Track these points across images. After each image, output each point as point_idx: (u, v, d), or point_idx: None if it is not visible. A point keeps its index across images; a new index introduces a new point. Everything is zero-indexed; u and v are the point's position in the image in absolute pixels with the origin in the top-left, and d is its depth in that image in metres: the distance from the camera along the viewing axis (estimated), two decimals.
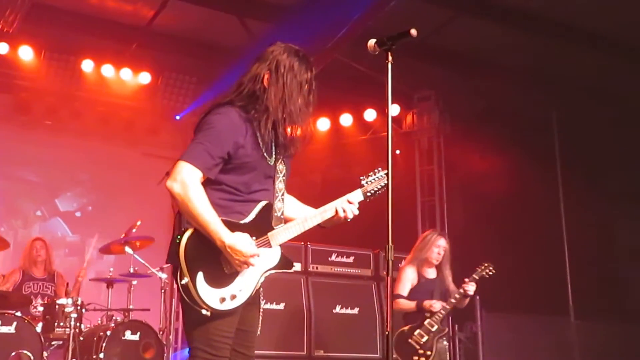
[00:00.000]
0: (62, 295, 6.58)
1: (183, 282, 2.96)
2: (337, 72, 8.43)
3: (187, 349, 3.16)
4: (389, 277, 2.87)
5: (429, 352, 5.76)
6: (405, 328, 5.90)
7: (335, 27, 7.52)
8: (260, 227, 3.16)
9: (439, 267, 6.16)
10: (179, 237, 3.03)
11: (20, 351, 5.70)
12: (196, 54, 8.87)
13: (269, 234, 3.18)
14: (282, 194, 3.31)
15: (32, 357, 5.71)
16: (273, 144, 3.25)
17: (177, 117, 9.32)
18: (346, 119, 9.35)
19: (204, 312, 2.98)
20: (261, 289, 3.27)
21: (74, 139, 8.99)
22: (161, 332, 6.65)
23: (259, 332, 3.28)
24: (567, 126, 8.99)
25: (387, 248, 2.90)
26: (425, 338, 5.80)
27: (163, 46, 8.66)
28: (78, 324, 6.11)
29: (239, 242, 2.99)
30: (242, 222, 3.11)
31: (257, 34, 8.13)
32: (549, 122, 9.19)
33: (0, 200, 8.74)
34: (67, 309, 6.08)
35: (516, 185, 8.52)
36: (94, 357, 6.07)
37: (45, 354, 5.83)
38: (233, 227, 3.05)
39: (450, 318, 8.17)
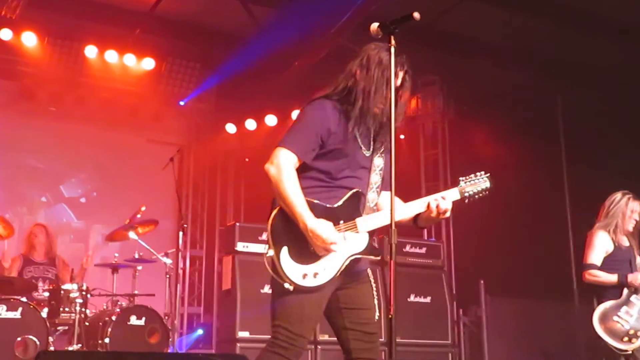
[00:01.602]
0: (66, 281, 6.61)
1: (268, 254, 3.14)
2: (341, 58, 8.33)
3: (193, 334, 3.25)
4: (392, 261, 2.89)
5: (638, 333, 5.04)
6: (608, 304, 5.17)
7: (338, 12, 7.48)
8: (349, 213, 3.27)
9: (631, 235, 5.43)
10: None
11: (26, 336, 5.73)
12: (200, 39, 8.84)
13: (357, 219, 3.28)
14: (377, 187, 3.40)
15: (37, 343, 5.74)
16: (371, 137, 3.37)
17: (181, 103, 9.31)
18: None
19: (286, 285, 3.10)
20: (369, 270, 3.43)
21: (78, 125, 8.99)
22: (166, 317, 6.69)
23: (377, 313, 3.39)
24: (572, 109, 8.96)
25: (390, 232, 2.91)
26: (635, 317, 5.08)
27: (166, 32, 8.64)
28: (83, 309, 6.15)
29: (320, 227, 3.11)
30: (330, 205, 3.24)
31: (260, 19, 8.10)
32: (553, 106, 9.16)
33: (5, 187, 8.77)
34: (73, 295, 6.13)
35: (521, 169, 8.50)
36: (100, 342, 6.12)
37: (50, 339, 5.86)
38: (321, 209, 3.20)
39: (455, 303, 8.22)
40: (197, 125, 9.89)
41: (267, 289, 6.79)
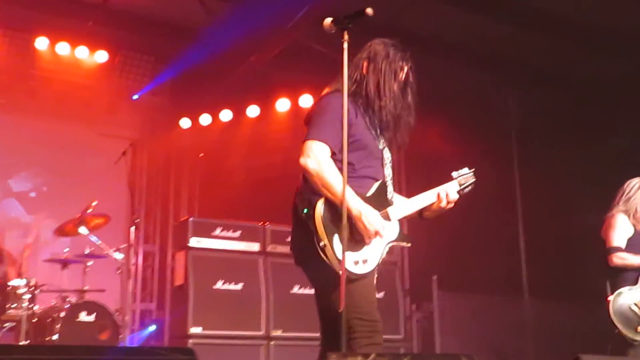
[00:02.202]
0: (14, 276, 6.48)
1: (321, 244, 3.17)
2: (297, 53, 8.39)
3: (145, 330, 3.23)
4: (343, 255, 2.90)
5: None
6: (624, 291, 4.96)
7: (295, 7, 7.46)
8: (380, 202, 3.41)
9: None
10: (305, 210, 3.28)
11: None
12: (154, 32, 8.72)
13: (388, 208, 3.43)
14: (390, 179, 3.56)
15: None
16: (378, 129, 3.50)
17: (135, 97, 9.19)
18: (306, 100, 9.32)
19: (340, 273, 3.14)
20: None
21: (28, 118, 8.80)
22: (117, 314, 6.60)
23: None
24: (525, 108, 9.10)
25: (342, 228, 2.93)
26: None
27: (120, 24, 8.50)
28: (31, 306, 6.04)
29: (371, 214, 3.24)
30: (365, 195, 3.36)
31: (215, 13, 8.03)
32: (506, 105, 9.29)
33: None
34: (20, 290, 6.01)
35: (473, 166, 8.60)
36: (48, 338, 6.01)
37: None
38: (360, 198, 3.30)
39: (407, 298, 8.30)
40: (151, 120, 9.76)
41: (220, 285, 6.76)
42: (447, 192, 3.56)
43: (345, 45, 3.18)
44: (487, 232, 8.67)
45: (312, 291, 3.46)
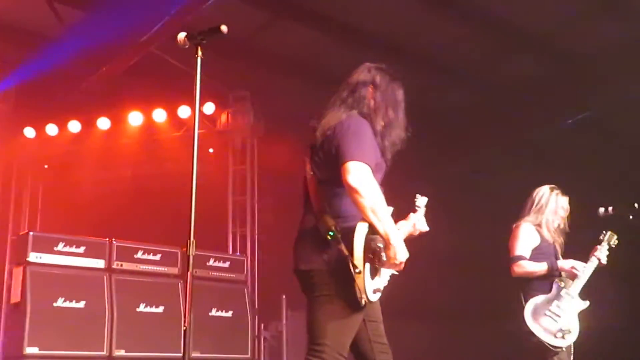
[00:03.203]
0: None
1: (357, 271, 3.09)
2: (152, 67, 8.24)
3: None
4: (189, 273, 2.86)
5: (570, 329, 4.84)
6: (538, 299, 4.94)
7: (151, 21, 7.33)
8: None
9: (556, 232, 5.21)
10: (331, 233, 3.17)
11: None
12: (0, 36, 8.30)
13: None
14: None
15: None
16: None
17: None
18: (160, 115, 9.15)
19: (363, 302, 3.13)
20: None
21: None
22: None
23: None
24: None
25: (188, 243, 2.89)
26: (567, 312, 4.87)
27: None
28: None
29: (402, 247, 3.20)
30: None
31: (67, 20, 7.75)
32: None
33: None
34: None
35: None
36: None
37: None
38: None
39: (256, 317, 8.28)
40: None
41: (60, 302, 6.47)
42: (415, 223, 3.78)
43: (199, 61, 3.16)
44: None
45: (160, 310, 3.39)
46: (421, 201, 3.81)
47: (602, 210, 5.33)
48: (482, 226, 8.24)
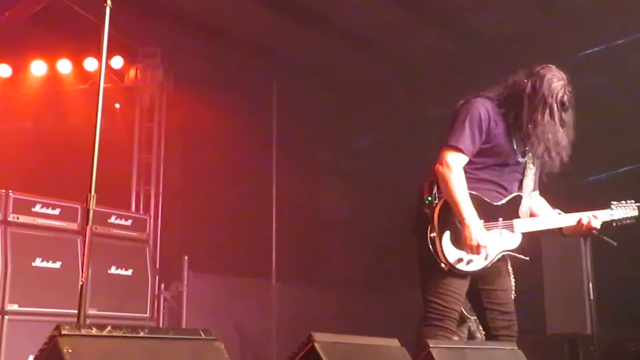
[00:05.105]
0: None
1: (432, 235, 3.54)
2: (58, 15, 7.93)
3: None
4: (88, 227, 2.81)
5: None
6: None
7: None
8: (509, 213, 3.70)
9: None
10: (429, 199, 3.60)
11: None
12: None
13: (515, 220, 3.69)
14: (530, 191, 3.80)
15: None
16: (524, 146, 3.70)
17: None
18: (65, 66, 8.83)
19: (442, 265, 3.54)
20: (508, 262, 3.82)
21: None
22: None
23: (513, 294, 3.86)
24: (286, 97, 9.40)
25: (89, 197, 2.83)
26: None
27: None
28: None
29: (477, 231, 3.50)
30: (494, 203, 3.68)
31: None
32: (269, 94, 9.53)
33: None
34: None
35: (232, 149, 8.75)
36: None
37: None
38: (486, 205, 3.63)
39: (157, 277, 8.22)
40: None
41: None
42: (590, 220, 3.75)
43: (108, 10, 3.06)
44: (242, 216, 8.85)
45: (57, 265, 3.35)
46: (622, 204, 3.83)
47: None
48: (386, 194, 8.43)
